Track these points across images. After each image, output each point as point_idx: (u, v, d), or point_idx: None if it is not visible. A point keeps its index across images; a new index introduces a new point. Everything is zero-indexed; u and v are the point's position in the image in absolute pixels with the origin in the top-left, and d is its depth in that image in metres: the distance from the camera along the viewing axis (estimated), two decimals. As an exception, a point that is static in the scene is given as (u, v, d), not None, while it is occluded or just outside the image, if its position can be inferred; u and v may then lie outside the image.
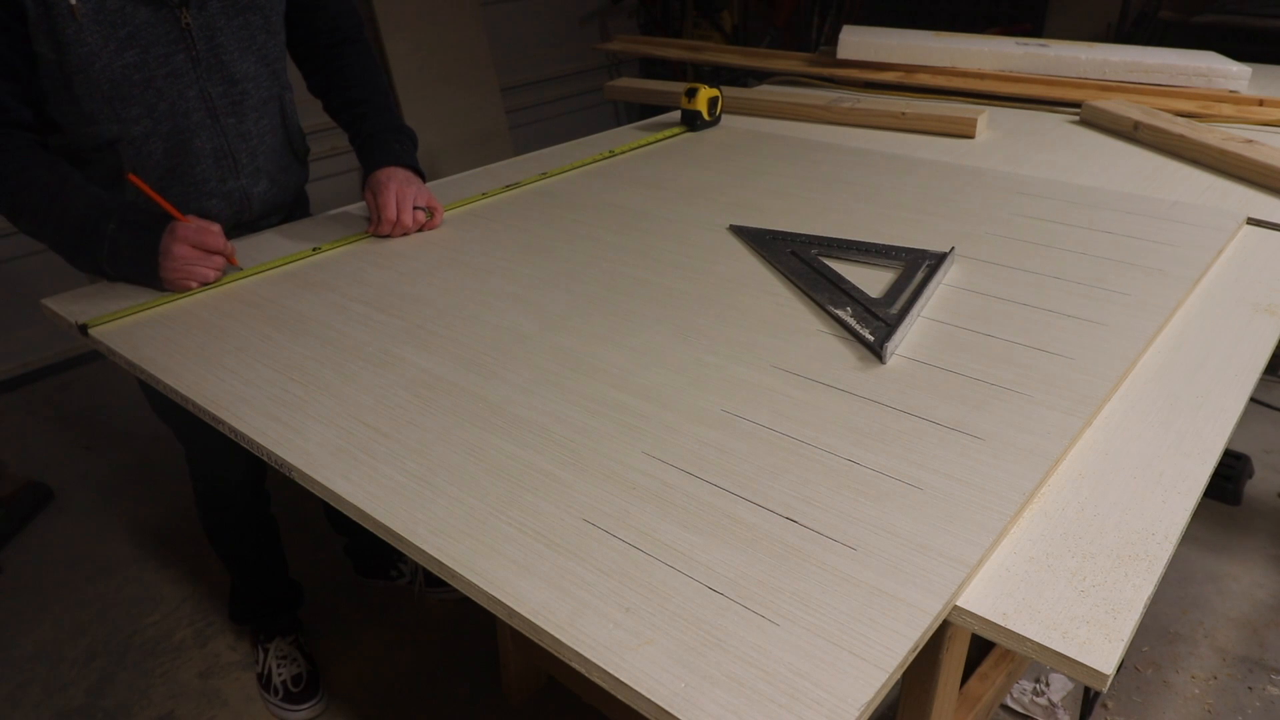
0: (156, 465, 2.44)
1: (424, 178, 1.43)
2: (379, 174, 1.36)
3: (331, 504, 0.80)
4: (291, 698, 1.67)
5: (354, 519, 0.78)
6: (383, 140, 1.40)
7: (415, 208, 1.35)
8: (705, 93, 1.87)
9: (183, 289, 1.19)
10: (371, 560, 1.94)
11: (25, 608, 1.95)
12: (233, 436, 0.90)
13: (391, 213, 1.33)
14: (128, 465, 2.45)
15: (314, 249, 1.32)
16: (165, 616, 1.92)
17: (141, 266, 1.17)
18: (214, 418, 0.92)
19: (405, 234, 1.37)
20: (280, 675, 1.69)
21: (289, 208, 1.49)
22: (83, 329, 1.11)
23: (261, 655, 1.74)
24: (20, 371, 2.90)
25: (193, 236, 1.17)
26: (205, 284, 1.20)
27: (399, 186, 1.34)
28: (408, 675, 1.75)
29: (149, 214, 1.19)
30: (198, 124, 1.25)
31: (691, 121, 1.87)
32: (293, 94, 1.40)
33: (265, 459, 0.86)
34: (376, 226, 1.36)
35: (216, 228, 1.20)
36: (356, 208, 1.50)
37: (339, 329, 1.08)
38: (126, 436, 2.57)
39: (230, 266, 1.24)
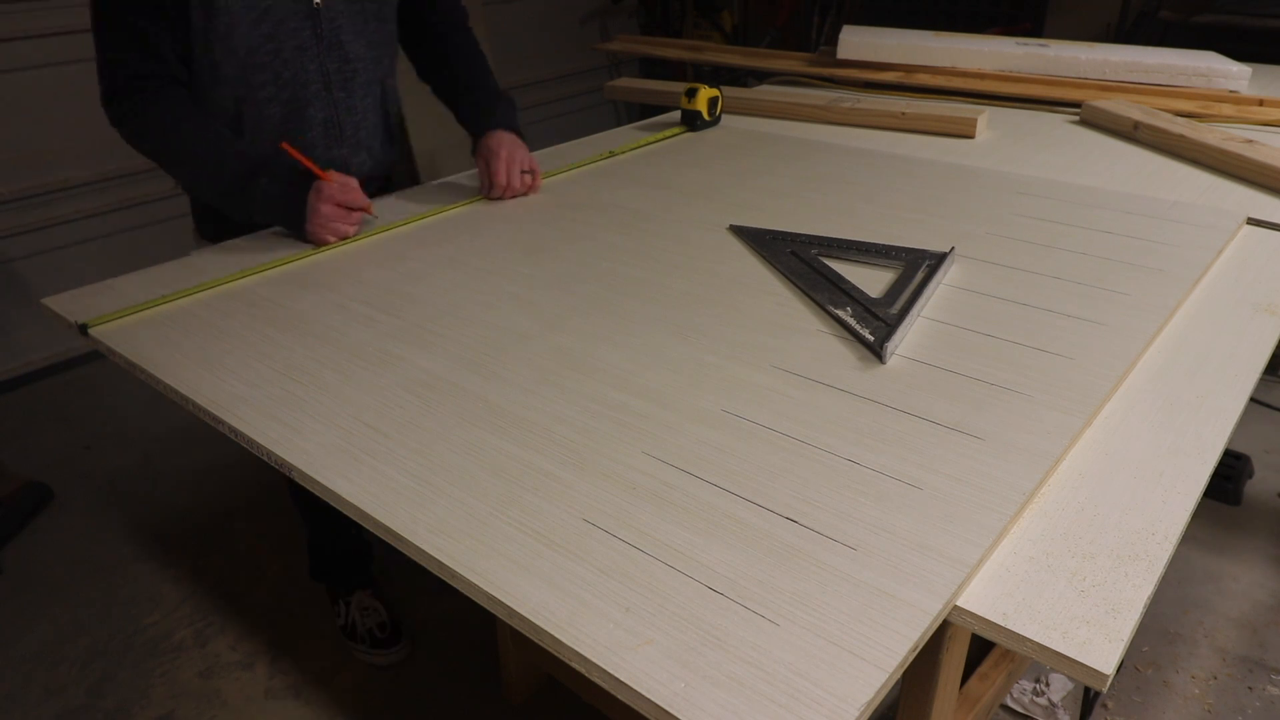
0: (156, 465, 2.44)
1: (525, 140, 1.55)
2: (488, 140, 1.49)
3: (332, 504, 0.80)
4: (380, 643, 1.77)
5: (354, 519, 0.78)
6: (488, 108, 1.53)
7: (521, 171, 1.48)
8: (705, 93, 1.87)
9: (323, 243, 1.32)
10: (324, 566, 1.87)
11: (25, 608, 1.95)
12: (232, 436, 0.90)
13: (502, 178, 1.47)
14: (128, 465, 2.45)
15: (314, 249, 1.32)
16: (165, 616, 1.92)
17: (289, 219, 1.32)
18: (214, 418, 0.92)
19: (514, 197, 1.51)
20: (365, 624, 1.78)
21: (380, 182, 1.60)
22: (83, 329, 1.11)
23: (344, 609, 1.81)
24: (20, 371, 2.90)
25: (336, 194, 1.31)
26: (344, 239, 1.34)
27: (508, 152, 1.48)
28: (408, 675, 1.75)
29: (295, 169, 1.32)
30: (313, 95, 1.38)
31: (691, 121, 1.87)
32: (395, 80, 1.52)
33: (265, 459, 0.86)
34: (489, 191, 1.49)
35: (354, 183, 1.34)
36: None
37: (339, 329, 1.08)
38: (126, 436, 2.57)
39: (369, 219, 1.39)
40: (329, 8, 1.34)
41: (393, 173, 1.64)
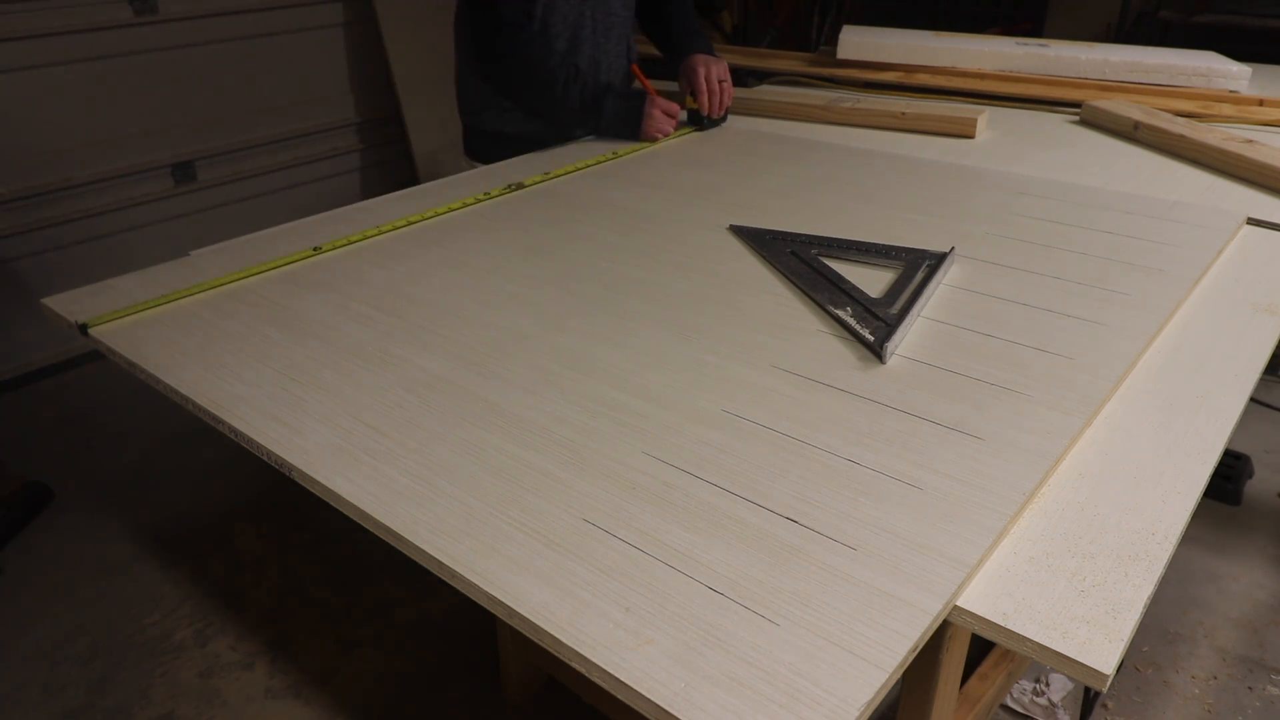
0: (156, 465, 2.44)
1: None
2: (689, 59, 1.83)
3: (332, 504, 0.80)
4: None
5: (354, 519, 0.78)
6: (687, 39, 1.89)
7: (719, 81, 1.82)
8: None
9: (654, 138, 1.78)
10: None
11: (25, 608, 1.95)
12: (233, 436, 0.90)
13: (703, 83, 1.80)
14: (128, 465, 2.45)
15: (314, 249, 1.32)
16: (165, 616, 1.92)
17: (630, 124, 1.77)
18: (214, 418, 0.92)
19: (720, 104, 1.84)
20: None
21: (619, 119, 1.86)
22: (83, 329, 1.11)
23: None
24: (20, 371, 2.90)
25: (662, 104, 1.77)
26: (665, 136, 1.79)
27: (706, 66, 1.81)
28: (408, 676, 1.75)
29: (627, 90, 1.82)
30: (585, 37, 1.82)
31: (699, 121, 1.88)
32: (633, 38, 1.96)
33: (265, 459, 0.86)
34: (699, 98, 1.82)
35: (674, 105, 1.80)
36: (355, 208, 1.50)
37: (339, 329, 1.08)
38: (126, 436, 2.57)
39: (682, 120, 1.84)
40: None
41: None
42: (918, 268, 1.17)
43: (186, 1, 3.00)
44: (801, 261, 1.21)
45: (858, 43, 2.31)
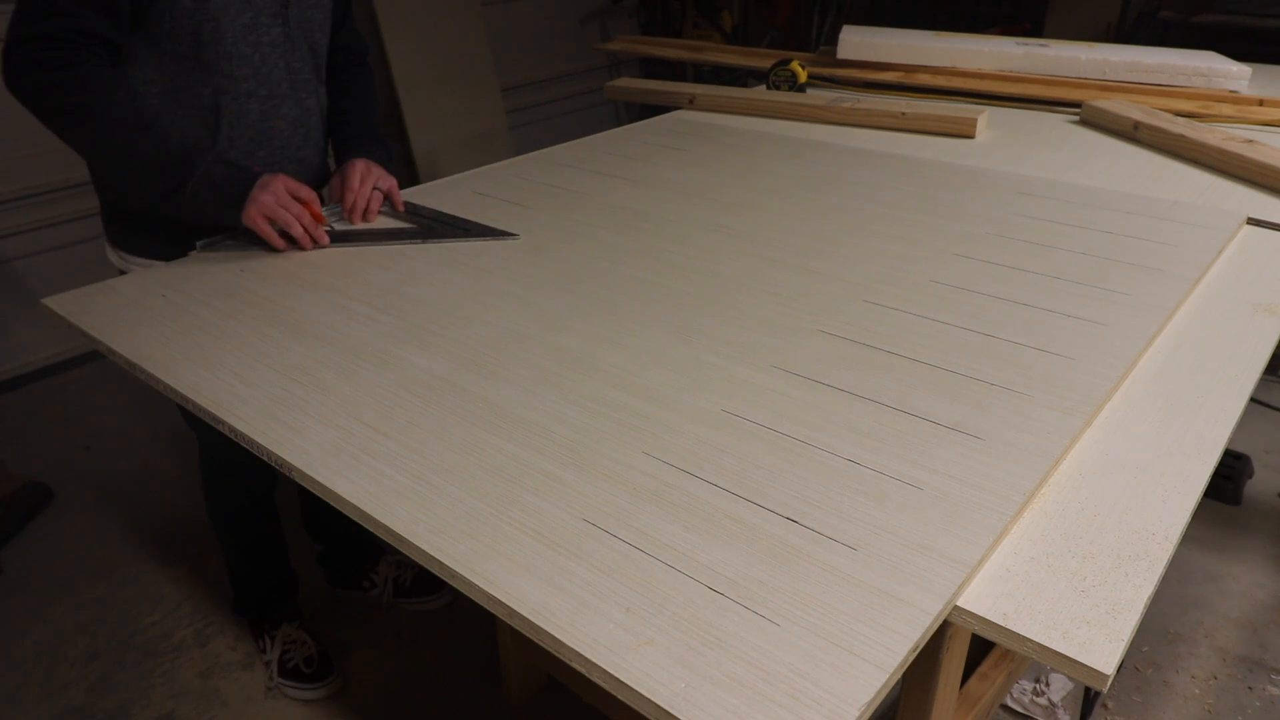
0: (156, 465, 2.44)
1: (394, 177, 1.50)
2: (347, 162, 1.45)
3: (332, 504, 0.80)
4: (308, 678, 1.70)
5: (354, 519, 0.78)
6: (360, 143, 1.49)
7: (375, 188, 1.44)
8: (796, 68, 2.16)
9: (259, 227, 1.27)
10: (344, 571, 1.93)
11: (25, 608, 1.95)
12: (232, 436, 0.90)
13: (355, 182, 1.42)
14: (128, 465, 2.45)
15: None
16: (165, 616, 1.92)
17: (229, 196, 1.25)
18: (214, 418, 0.92)
19: (367, 210, 1.43)
20: (291, 660, 1.71)
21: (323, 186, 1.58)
22: (83, 328, 1.11)
23: (269, 643, 1.74)
24: (20, 371, 2.90)
25: (290, 183, 1.29)
26: (286, 231, 1.29)
27: (363, 168, 1.44)
28: (408, 676, 1.75)
29: (243, 164, 1.31)
30: (284, 93, 1.36)
31: (793, 82, 2.09)
32: (324, 91, 1.50)
33: (265, 459, 0.86)
34: (341, 201, 1.43)
35: (313, 191, 1.33)
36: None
37: (339, 329, 1.08)
38: (126, 436, 2.57)
39: (323, 232, 1.33)
40: (295, 6, 1.34)
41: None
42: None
43: (186, 1, 2.99)
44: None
45: (858, 43, 2.31)
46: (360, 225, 1.43)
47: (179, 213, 1.28)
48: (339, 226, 1.42)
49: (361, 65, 1.58)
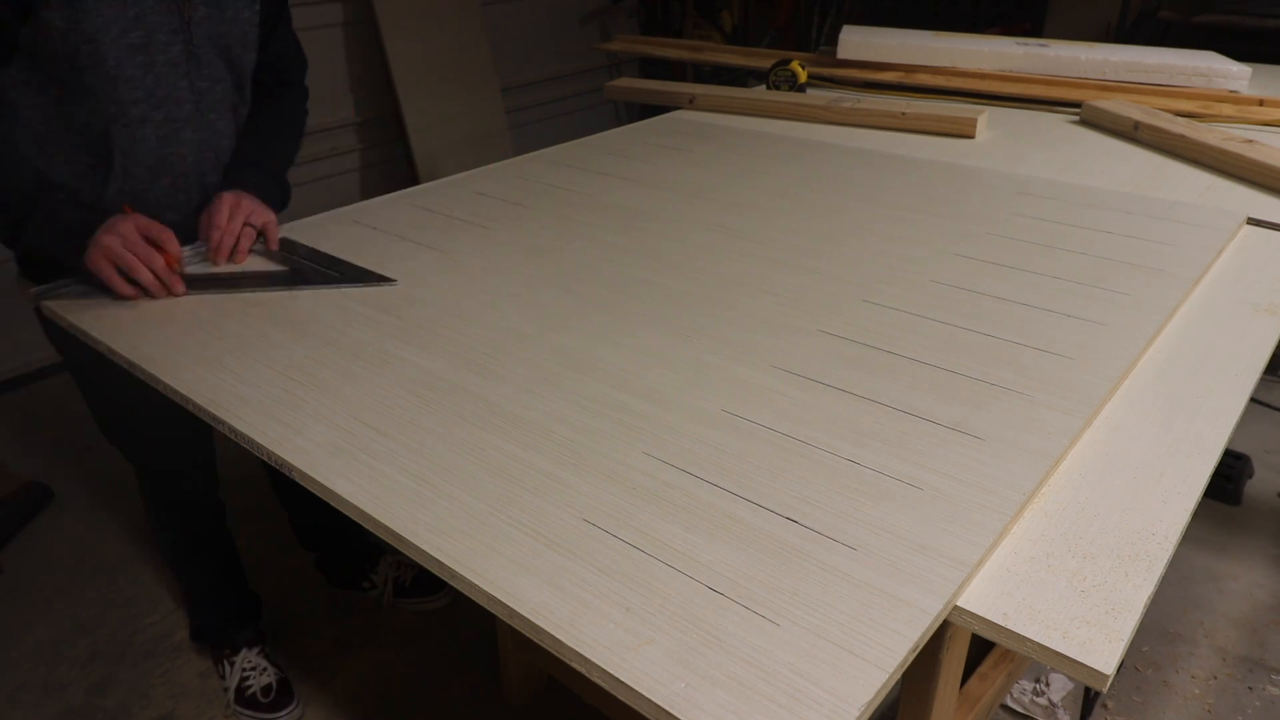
0: (156, 465, 2.43)
1: (276, 214, 1.35)
2: (217, 195, 1.29)
3: (332, 504, 0.80)
4: (268, 708, 1.64)
5: (354, 519, 0.78)
6: (241, 173, 1.34)
7: (246, 224, 1.28)
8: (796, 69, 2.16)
9: (102, 271, 1.13)
10: (343, 573, 1.93)
11: (25, 608, 1.95)
12: (232, 436, 0.90)
13: (223, 218, 1.25)
14: (128, 465, 2.44)
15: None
16: (165, 616, 1.92)
17: (71, 238, 1.13)
18: (214, 418, 0.92)
19: (236, 250, 1.27)
20: (251, 688, 1.65)
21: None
22: (82, 328, 1.11)
23: (228, 669, 1.69)
24: (20, 371, 2.90)
25: (143, 222, 1.15)
26: (130, 275, 1.13)
27: (232, 202, 1.27)
28: (408, 676, 1.75)
29: (97, 206, 1.18)
30: (188, 116, 1.26)
31: (793, 82, 2.11)
32: (248, 110, 1.39)
33: (265, 459, 0.86)
34: (211, 235, 1.26)
35: (169, 232, 1.17)
36: (356, 208, 1.50)
37: (339, 329, 1.08)
38: (126, 436, 2.57)
39: (177, 278, 1.16)
40: (200, 23, 1.23)
41: None
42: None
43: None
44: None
45: (858, 43, 2.31)
46: (224, 268, 1.26)
47: (28, 253, 1.20)
48: (202, 270, 1.25)
49: (287, 85, 1.46)
